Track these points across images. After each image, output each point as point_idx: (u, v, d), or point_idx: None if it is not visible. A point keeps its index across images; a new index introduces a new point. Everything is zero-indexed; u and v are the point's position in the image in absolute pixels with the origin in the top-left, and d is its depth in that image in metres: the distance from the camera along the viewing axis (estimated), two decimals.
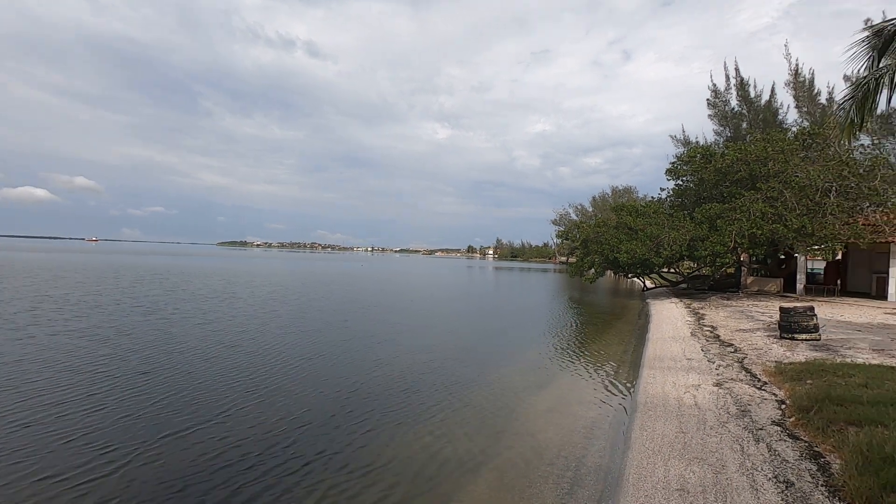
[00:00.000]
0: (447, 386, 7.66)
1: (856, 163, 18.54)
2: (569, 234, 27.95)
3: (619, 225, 21.78)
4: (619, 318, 16.75)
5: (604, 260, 22.14)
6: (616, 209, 24.28)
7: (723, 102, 34.83)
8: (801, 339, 9.24)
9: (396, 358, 9.47)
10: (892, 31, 8.15)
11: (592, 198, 69.71)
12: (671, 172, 23.49)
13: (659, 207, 22.89)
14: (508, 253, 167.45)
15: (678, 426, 5.05)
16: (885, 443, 3.47)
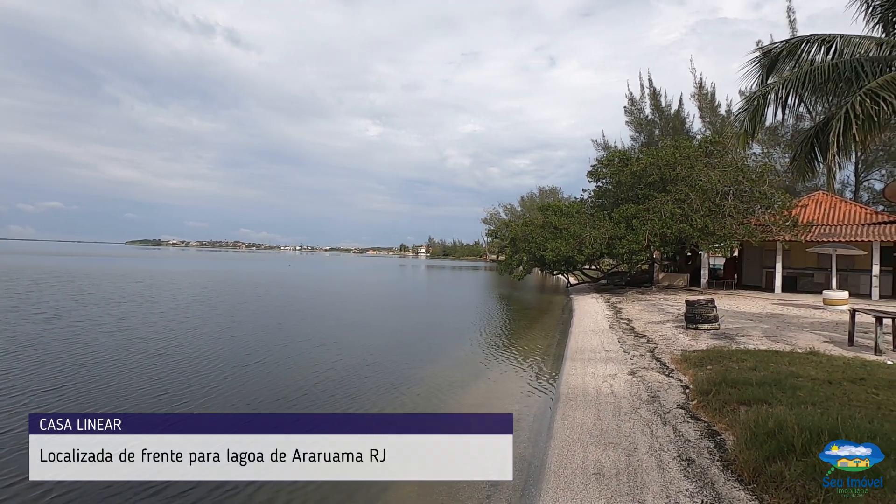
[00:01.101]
0: (378, 388, 7.58)
1: (749, 169, 20.63)
2: (498, 232, 28.72)
3: (545, 224, 22.68)
4: (545, 314, 17.46)
5: (531, 258, 22.95)
6: (542, 209, 25.27)
7: (638, 110, 37.36)
8: (703, 328, 10.12)
9: (328, 361, 9.22)
10: (777, 52, 9.13)
11: (521, 198, 72.22)
12: (592, 175, 24.81)
13: (581, 208, 24.11)
14: (440, 251, 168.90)
15: (596, 414, 5.35)
16: (769, 419, 3.90)
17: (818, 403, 4.57)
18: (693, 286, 22.29)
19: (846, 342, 8.65)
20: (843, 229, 19.49)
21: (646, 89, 36.87)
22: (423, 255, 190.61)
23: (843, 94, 8.14)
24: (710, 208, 19.04)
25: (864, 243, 18.27)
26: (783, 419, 3.80)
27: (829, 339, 9.16)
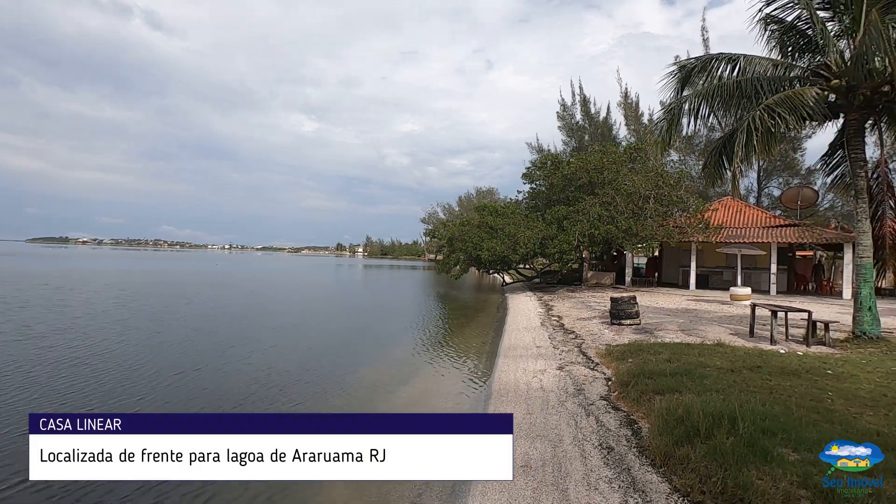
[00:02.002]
0: (308, 393, 7.38)
1: (668, 175, 22.18)
2: (436, 232, 28.89)
3: (482, 224, 23.11)
4: (481, 312, 17.80)
5: (468, 257, 23.29)
6: (479, 209, 25.73)
7: (569, 116, 38.99)
8: (626, 324, 10.75)
9: (261, 366, 8.86)
10: (691, 68, 9.88)
11: (459, 198, 73.14)
12: (526, 177, 25.60)
13: (516, 208, 24.81)
14: (379, 251, 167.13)
15: (526, 408, 5.53)
16: (678, 406, 4.22)
17: (721, 390, 5.00)
18: (619, 284, 23.60)
19: (748, 334, 9.52)
20: (746, 232, 21.45)
21: (577, 96, 38.60)
22: (361, 254, 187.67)
23: (745, 108, 8.93)
24: (634, 211, 20.25)
25: (764, 244, 20.22)
26: (691, 406, 4.13)
27: (734, 331, 10.03)
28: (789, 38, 9.07)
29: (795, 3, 8.50)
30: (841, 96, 8.45)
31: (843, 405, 4.75)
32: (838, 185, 10.90)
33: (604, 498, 3.39)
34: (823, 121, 9.49)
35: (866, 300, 8.45)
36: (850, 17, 8.07)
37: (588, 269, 24.64)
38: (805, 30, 8.71)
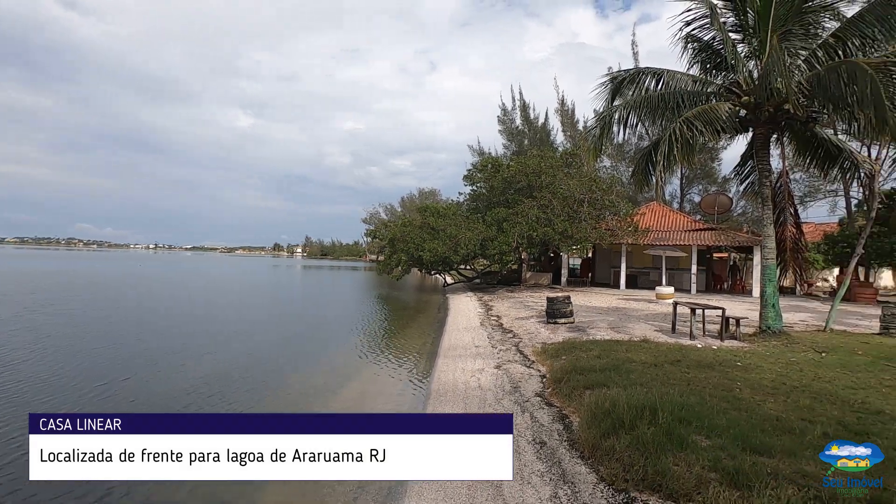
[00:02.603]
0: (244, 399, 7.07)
1: (601, 180, 23.28)
2: (377, 233, 28.62)
3: (423, 225, 23.16)
4: (422, 313, 17.82)
5: (409, 258, 23.25)
6: (420, 210, 25.76)
7: (510, 120, 39.99)
8: (561, 322, 11.17)
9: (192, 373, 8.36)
10: (621, 79, 10.44)
11: (401, 198, 72.94)
12: (468, 179, 25.97)
13: (458, 210, 25.08)
14: (318, 251, 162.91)
15: (464, 407, 5.61)
16: (605, 400, 4.45)
17: (645, 384, 5.32)
18: (555, 284, 24.47)
19: (670, 330, 10.19)
20: (670, 235, 22.95)
21: (517, 101, 39.68)
22: (300, 254, 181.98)
23: (669, 119, 9.55)
24: (569, 214, 21.08)
25: (686, 247, 21.74)
26: (616, 399, 4.37)
27: (659, 328, 10.70)
28: (707, 57, 9.81)
29: (711, 25, 9.20)
30: (750, 112, 9.24)
31: (749, 394, 5.21)
32: (749, 193, 11.94)
33: (536, 491, 3.51)
34: (735, 134, 10.36)
35: (770, 298, 9.30)
36: (758, 40, 8.86)
37: (526, 270, 25.34)
38: (719, 49, 9.45)
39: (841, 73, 7.08)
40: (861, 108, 6.68)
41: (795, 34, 8.81)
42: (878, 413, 4.64)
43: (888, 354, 7.71)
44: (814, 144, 9.92)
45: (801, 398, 5.07)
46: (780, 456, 3.55)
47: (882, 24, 7.69)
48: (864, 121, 6.86)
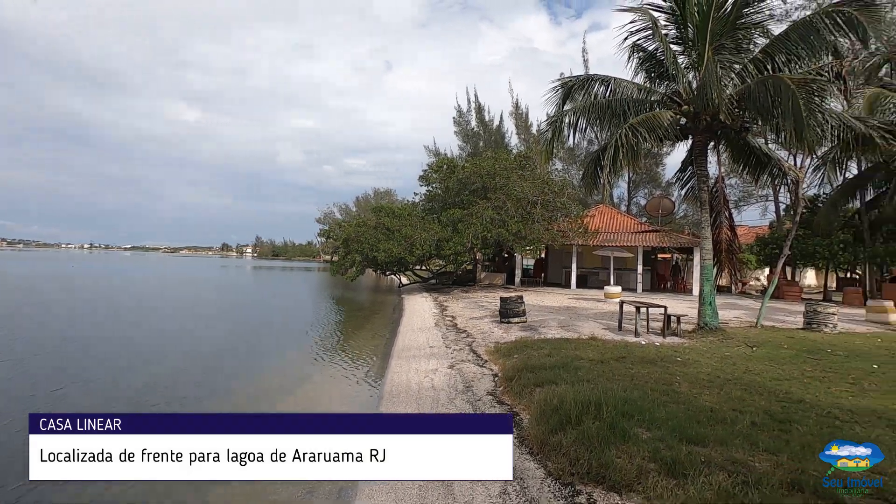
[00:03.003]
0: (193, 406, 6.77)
1: (553, 182, 23.89)
2: (331, 233, 28.14)
3: (378, 225, 22.98)
4: (377, 314, 17.67)
5: (364, 258, 23.01)
6: (375, 210, 25.55)
7: (465, 122, 40.31)
8: (514, 322, 11.38)
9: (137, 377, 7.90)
10: (571, 85, 10.77)
11: (356, 198, 71.99)
12: (423, 179, 25.99)
13: (413, 210, 25.04)
14: (270, 251, 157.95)
15: (417, 408, 5.62)
16: (554, 397, 4.58)
17: (591, 380, 5.52)
18: (509, 284, 24.89)
19: (617, 328, 10.61)
20: (618, 236, 23.86)
21: (472, 103, 40.05)
22: (250, 255, 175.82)
23: (616, 125, 9.93)
24: (523, 215, 21.51)
25: (632, 248, 22.68)
26: (564, 396, 4.51)
27: (606, 326, 11.11)
28: (651, 66, 10.28)
29: (653, 37, 9.65)
30: (689, 120, 9.77)
31: (687, 387, 5.50)
32: (689, 197, 12.59)
33: (486, 489, 3.57)
34: (677, 141, 10.91)
35: (708, 296, 9.87)
36: (696, 52, 9.38)
37: (481, 270, 25.65)
38: (662, 60, 9.93)
39: (768, 87, 7.62)
40: (784, 120, 7.22)
41: (730, 48, 9.40)
42: (800, 402, 5.02)
43: (810, 347, 8.36)
44: (746, 152, 10.61)
45: (733, 390, 5.41)
46: (713, 445, 3.77)
47: (804, 42, 8.33)
48: (787, 132, 7.40)
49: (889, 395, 5.39)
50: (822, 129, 7.81)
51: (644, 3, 9.75)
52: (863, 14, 7.86)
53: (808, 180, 14.55)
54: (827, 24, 8.06)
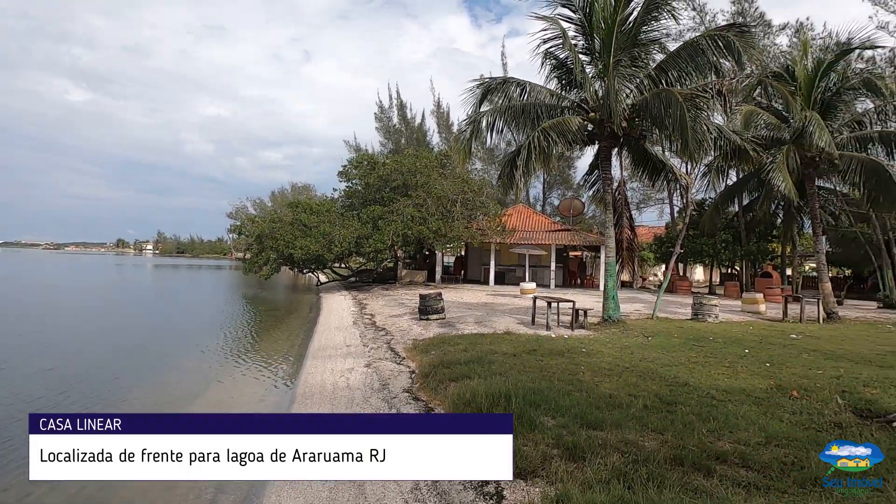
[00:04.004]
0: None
1: (472, 181, 24.44)
2: (242, 228, 26.63)
3: (295, 221, 22.12)
4: (292, 314, 17.01)
5: (279, 256, 22.06)
6: (292, 206, 24.53)
7: (387, 118, 39.99)
8: (433, 319, 11.49)
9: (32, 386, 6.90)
10: (489, 87, 11.07)
11: (272, 192, 68.71)
12: (343, 175, 25.39)
13: (332, 206, 24.38)
14: (174, 248, 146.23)
15: (331, 408, 5.49)
16: (466, 391, 4.70)
17: (504, 373, 5.73)
18: (430, 281, 25.10)
19: (530, 322, 11.09)
20: (533, 235, 24.96)
21: (394, 100, 39.81)
22: (151, 252, 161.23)
23: (530, 128, 10.38)
24: (443, 213, 21.78)
25: (546, 245, 23.83)
26: (476, 389, 4.64)
27: (520, 321, 11.56)
28: (561, 74, 10.86)
29: (563, 46, 10.20)
30: (596, 127, 10.45)
31: (590, 376, 5.89)
32: (596, 198, 13.48)
33: (398, 486, 3.57)
34: (585, 145, 11.64)
35: (611, 291, 10.63)
36: (602, 63, 10.06)
37: (402, 268, 25.61)
38: (572, 68, 10.52)
39: (661, 100, 8.37)
40: (674, 131, 7.98)
41: (631, 62, 10.17)
42: (685, 385, 5.57)
43: (695, 336, 9.31)
44: (645, 159, 11.57)
45: (630, 377, 5.87)
46: (610, 428, 4.07)
47: (692, 61, 9.24)
48: (677, 141, 8.19)
49: (756, 376, 6.15)
50: (706, 140, 8.73)
51: (556, 14, 10.28)
52: (739, 39, 8.88)
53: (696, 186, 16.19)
54: (710, 45, 9.00)
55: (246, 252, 36.55)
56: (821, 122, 11.65)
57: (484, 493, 3.36)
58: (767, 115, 14.41)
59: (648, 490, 3.01)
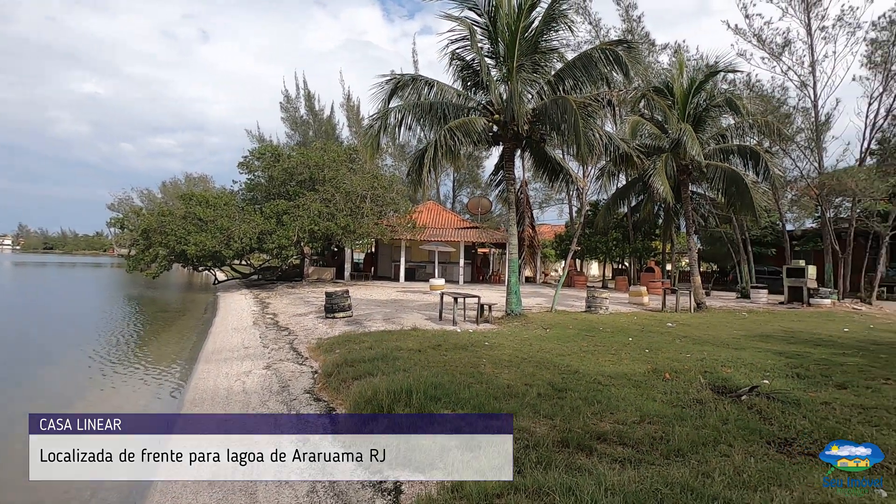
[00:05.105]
0: None
1: (383, 177, 24.23)
2: (124, 222, 24.02)
3: (188, 215, 20.38)
4: (184, 315, 15.70)
5: (170, 252, 20.21)
6: (184, 198, 22.54)
7: (294, 108, 38.31)
8: (339, 317, 11.23)
9: None
10: (398, 83, 11.02)
11: (163, 183, 62.73)
12: (244, 166, 23.91)
13: (231, 200, 22.82)
14: (39, 243, 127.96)
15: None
16: (368, 389, 4.65)
17: (408, 369, 5.76)
18: (339, 279, 24.50)
19: (438, 318, 11.26)
20: (443, 232, 25.36)
21: (301, 90, 38.24)
22: (9, 248, 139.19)
23: (438, 126, 10.52)
24: (352, 209, 21.36)
25: (455, 243, 24.33)
26: (378, 386, 4.61)
27: (428, 316, 11.70)
28: (468, 75, 11.13)
29: (471, 48, 10.46)
30: (500, 128, 10.86)
31: (491, 368, 6.12)
32: (501, 197, 13.99)
33: (292, 490, 3.45)
34: (490, 146, 12.04)
35: (514, 286, 11.13)
36: (507, 68, 10.46)
37: (309, 265, 24.72)
38: (478, 70, 10.82)
39: (559, 106, 8.91)
40: (569, 135, 8.54)
41: (532, 68, 10.69)
42: (575, 372, 5.99)
43: (588, 327, 10.06)
44: (545, 161, 12.23)
45: (527, 367, 6.19)
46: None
47: (586, 71, 9.94)
48: (571, 145, 8.78)
49: (636, 361, 6.79)
50: (598, 145, 9.44)
51: (464, 15, 10.50)
52: (627, 54, 9.71)
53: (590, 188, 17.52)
54: (602, 58, 9.74)
55: (130, 248, 33.00)
56: (693, 134, 13.14)
57: (382, 490, 3.35)
58: (651, 126, 15.96)
59: (536, 472, 3.20)
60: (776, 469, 3.26)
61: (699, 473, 3.19)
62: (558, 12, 10.01)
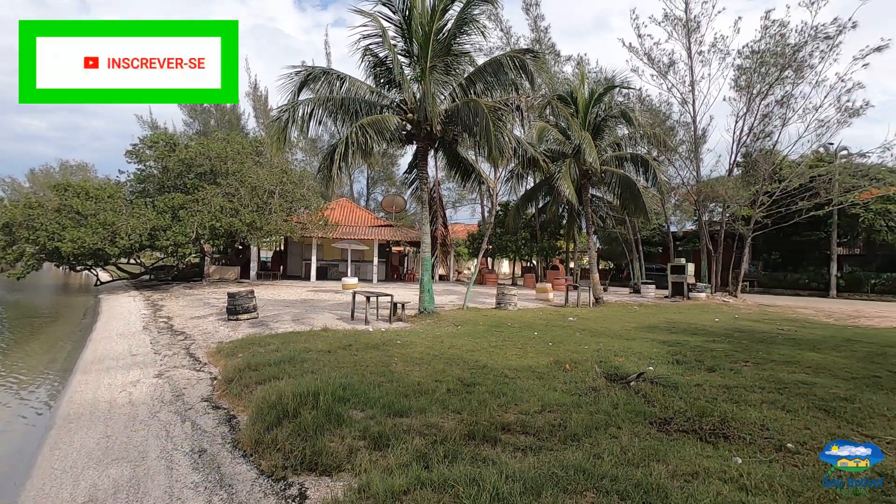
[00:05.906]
0: None
1: (293, 172, 23.22)
2: None
3: (63, 208, 18.03)
4: (58, 321, 13.90)
5: (40, 249, 17.76)
6: (58, 189, 19.87)
7: None
8: (243, 318, 10.60)
9: None
10: (308, 75, 10.62)
11: (31, 171, 54.89)
12: (133, 155, 21.65)
13: (117, 192, 20.50)
14: None
15: (104, 430, 4.64)
16: (272, 393, 4.45)
17: (316, 371, 5.59)
18: (244, 278, 23.10)
19: (350, 317, 11.05)
20: (357, 230, 24.92)
21: None
22: None
23: (350, 122, 10.30)
24: (259, 205, 20.22)
25: (369, 241, 24.01)
26: (283, 390, 4.43)
27: (340, 316, 11.43)
28: (381, 72, 11.02)
29: (383, 45, 10.38)
30: (414, 128, 10.89)
31: (402, 366, 6.13)
32: (415, 196, 14.05)
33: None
34: (404, 144, 12.03)
35: (427, 284, 11.24)
36: (420, 67, 10.52)
37: (210, 264, 23.02)
38: (391, 68, 10.76)
39: (471, 109, 9.14)
40: (480, 137, 8.81)
41: (445, 70, 10.86)
42: (484, 367, 6.19)
43: (497, 323, 10.44)
44: (457, 161, 12.48)
45: (438, 364, 6.28)
46: (415, 414, 4.30)
47: (496, 77, 10.30)
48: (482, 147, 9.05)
49: (541, 354, 7.16)
50: (507, 148, 9.82)
51: (376, 11, 10.37)
52: (533, 62, 10.20)
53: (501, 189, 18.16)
54: (510, 65, 10.13)
55: None
56: (591, 142, 14.15)
57: (286, 497, 3.23)
58: (556, 132, 16.92)
59: (443, 467, 3.26)
60: (656, 446, 3.62)
61: (591, 455, 3.45)
62: (470, 17, 10.25)
